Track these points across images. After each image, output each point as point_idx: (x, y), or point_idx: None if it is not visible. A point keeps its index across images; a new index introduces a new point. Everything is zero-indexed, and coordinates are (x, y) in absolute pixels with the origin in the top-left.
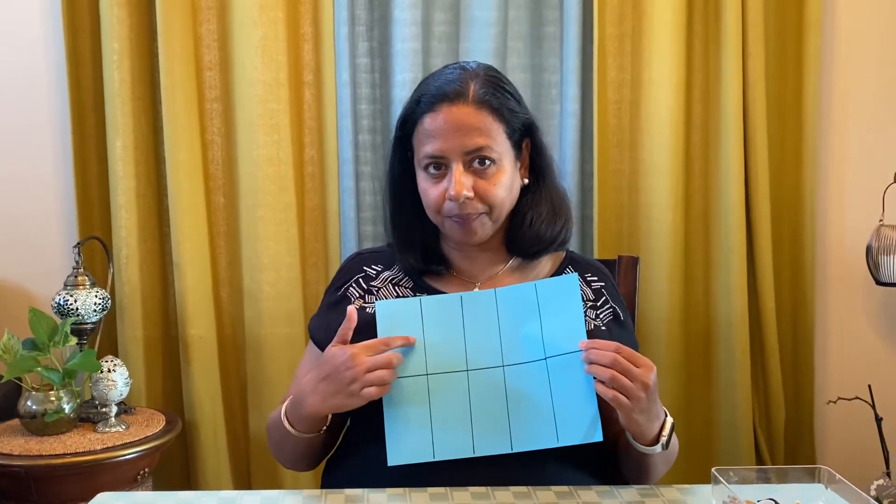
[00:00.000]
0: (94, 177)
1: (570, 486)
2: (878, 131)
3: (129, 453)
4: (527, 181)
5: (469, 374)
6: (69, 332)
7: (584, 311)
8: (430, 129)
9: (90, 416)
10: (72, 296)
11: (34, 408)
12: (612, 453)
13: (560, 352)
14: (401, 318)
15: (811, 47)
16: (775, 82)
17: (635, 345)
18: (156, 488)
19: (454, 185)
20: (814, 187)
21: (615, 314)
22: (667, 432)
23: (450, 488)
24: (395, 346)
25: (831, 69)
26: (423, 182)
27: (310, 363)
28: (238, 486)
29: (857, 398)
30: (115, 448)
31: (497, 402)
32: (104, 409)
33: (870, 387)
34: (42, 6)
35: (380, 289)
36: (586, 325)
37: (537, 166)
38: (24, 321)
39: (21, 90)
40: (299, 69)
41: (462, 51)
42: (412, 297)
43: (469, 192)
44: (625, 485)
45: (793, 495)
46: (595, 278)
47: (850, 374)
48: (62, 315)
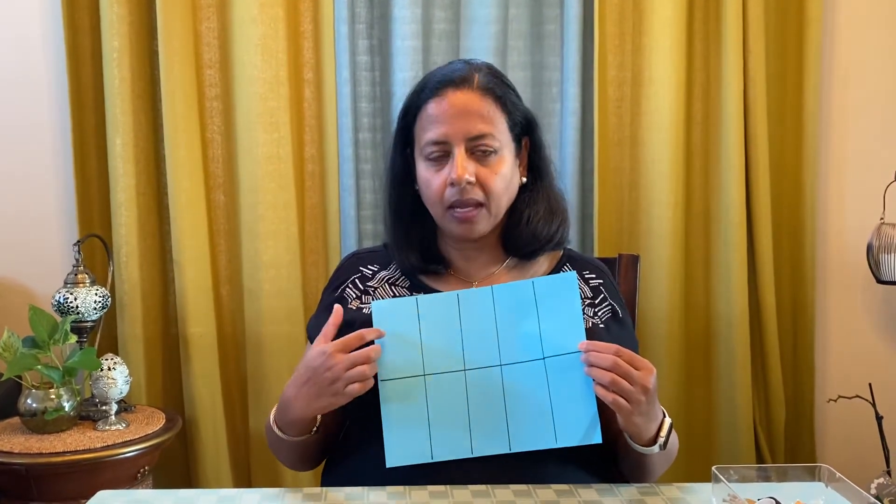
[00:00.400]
0: (94, 175)
1: (570, 484)
2: (878, 129)
3: (130, 451)
4: (525, 180)
5: (466, 374)
6: (69, 329)
7: (583, 309)
8: (434, 114)
9: (90, 413)
10: (72, 294)
11: (34, 406)
12: (612, 452)
13: (558, 352)
14: (397, 318)
15: (812, 45)
16: (776, 80)
17: (635, 342)
18: (156, 486)
19: (456, 168)
20: (814, 185)
21: (614, 312)
22: (664, 433)
23: (450, 486)
24: (369, 339)
25: (832, 67)
26: (423, 171)
27: None
28: (238, 484)
29: (857, 397)
30: (115, 446)
31: (495, 402)
32: (104, 407)
33: (870, 385)
34: (42, 4)
35: (376, 289)
36: (585, 323)
37: (535, 165)
38: (25, 319)
39: (21, 88)
40: (299, 67)
41: (462, 49)
42: (408, 296)
43: (471, 176)
44: (625, 483)
45: (793, 494)
46: (593, 276)
47: (850, 373)
48: (62, 313)
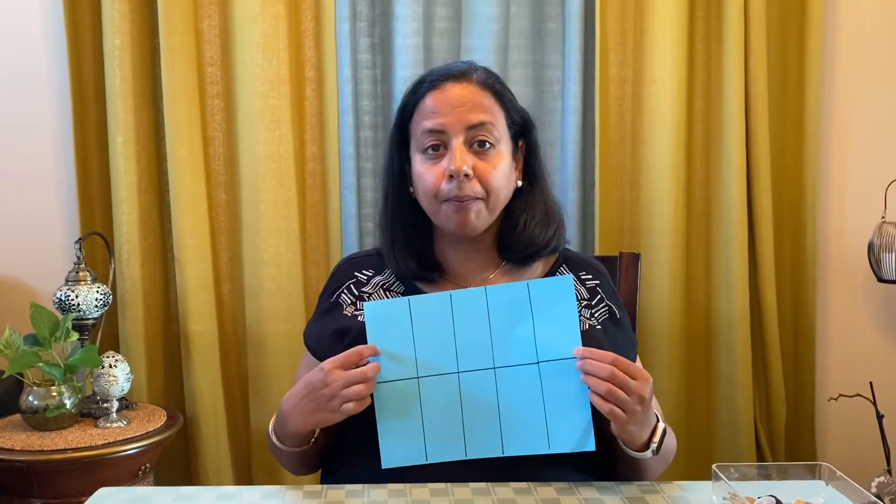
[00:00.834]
0: (95, 172)
1: (570, 482)
2: (880, 128)
3: (131, 449)
4: (520, 183)
5: (460, 377)
6: (70, 327)
7: (579, 311)
8: (432, 105)
9: (91, 411)
10: (73, 291)
11: (36, 403)
12: (608, 454)
13: (553, 356)
14: (390, 320)
15: (813, 43)
16: (777, 79)
17: (633, 343)
18: (157, 483)
19: (455, 159)
20: (815, 184)
21: (611, 313)
22: (657, 438)
23: (450, 484)
24: (368, 355)
25: (833, 65)
26: (419, 166)
27: (305, 370)
28: (239, 482)
29: (858, 395)
30: (116, 443)
31: (488, 405)
32: (105, 405)
33: (871, 384)
34: (43, 2)
35: (371, 294)
36: (581, 324)
37: (532, 169)
38: (26, 316)
39: (22, 86)
40: (300, 65)
41: (463, 47)
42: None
43: (469, 168)
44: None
45: (793, 492)
46: (590, 276)
47: (851, 371)
48: (63, 310)
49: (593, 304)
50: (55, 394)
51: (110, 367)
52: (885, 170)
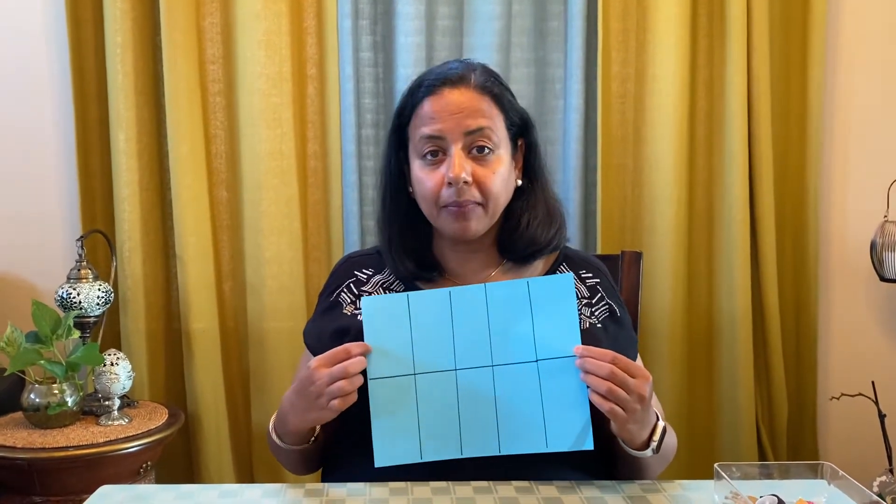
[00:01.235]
0: (97, 170)
1: (571, 481)
2: (882, 127)
3: (132, 446)
4: (520, 182)
5: (457, 374)
6: (72, 325)
7: (579, 310)
8: (430, 111)
9: (93, 409)
10: (75, 289)
11: (37, 401)
12: (607, 454)
13: (552, 355)
14: (388, 315)
15: (816, 42)
16: (780, 78)
17: (633, 342)
18: (158, 481)
19: (453, 166)
20: (818, 183)
21: (611, 311)
22: (657, 437)
23: (452, 483)
24: (356, 353)
25: (836, 64)
26: (418, 171)
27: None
28: (240, 480)
29: (860, 395)
30: (117, 441)
31: (485, 403)
32: (107, 403)
33: (873, 383)
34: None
35: (371, 293)
36: (582, 323)
37: (532, 168)
38: (28, 314)
39: (24, 83)
40: (302, 63)
41: (466, 45)
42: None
43: (468, 175)
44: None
45: (795, 491)
46: (590, 275)
47: (853, 371)
48: (65, 308)
49: (594, 302)
50: (57, 391)
51: (112, 364)
52: (888, 169)
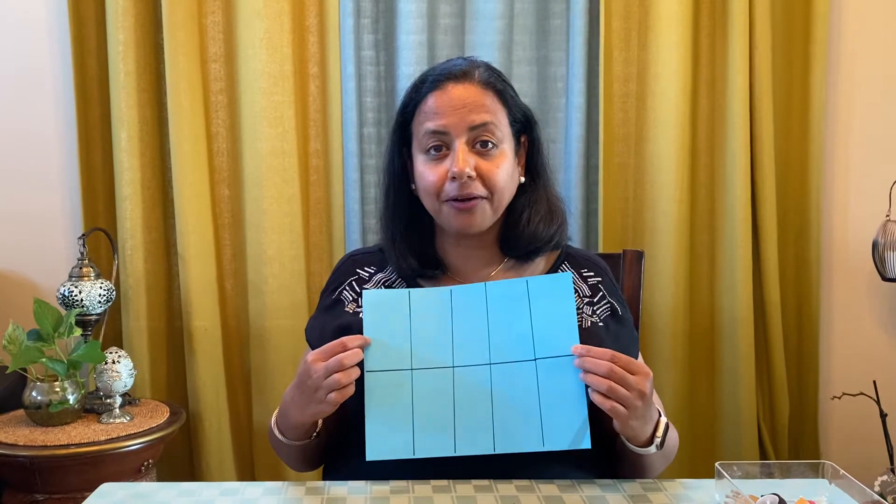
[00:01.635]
0: (98, 168)
1: (572, 480)
2: (885, 126)
3: (133, 444)
4: (523, 179)
5: (455, 371)
6: (74, 323)
7: (581, 308)
8: (434, 106)
9: (94, 406)
10: (77, 287)
11: (39, 398)
12: (608, 454)
13: (551, 354)
14: (388, 309)
15: (818, 41)
16: (782, 77)
17: (635, 340)
18: (159, 479)
19: (457, 161)
20: (820, 182)
21: (612, 310)
22: (660, 433)
23: (452, 481)
24: (353, 346)
25: (838, 63)
26: (421, 166)
27: None
28: (241, 478)
29: (861, 394)
30: (119, 439)
31: (482, 401)
32: (108, 400)
33: (875, 383)
34: None
35: None
36: (583, 321)
37: (534, 165)
38: (29, 312)
39: (26, 82)
40: (304, 61)
41: (468, 43)
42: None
43: (472, 170)
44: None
45: (796, 490)
46: (592, 273)
47: (854, 370)
48: (67, 306)
49: (595, 300)
50: (58, 389)
51: (113, 362)
52: (890, 168)
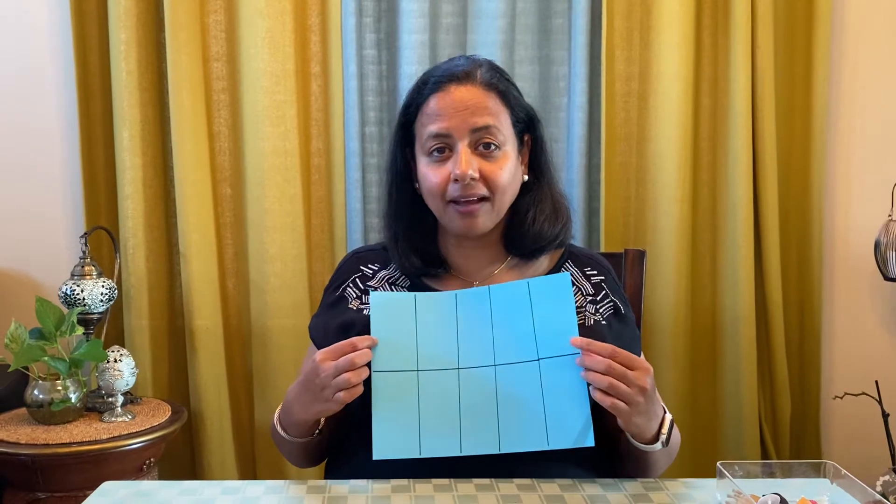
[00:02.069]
0: (100, 167)
1: (574, 479)
2: (887, 125)
3: (135, 443)
4: (527, 178)
5: (460, 373)
6: (76, 321)
7: (584, 306)
8: (437, 108)
9: (96, 405)
10: (78, 286)
11: (41, 397)
12: (612, 453)
13: (553, 353)
14: (394, 312)
15: (820, 40)
16: (784, 76)
17: (637, 338)
18: (161, 478)
19: (460, 163)
20: (822, 181)
21: (615, 308)
22: (666, 429)
23: (453, 480)
24: (362, 346)
25: (840, 62)
26: (424, 167)
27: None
28: (243, 476)
29: (863, 394)
30: (120, 437)
31: (487, 401)
32: (110, 399)
33: (877, 382)
34: None
35: (377, 289)
36: (586, 320)
37: (538, 164)
38: (32, 311)
39: (28, 81)
40: (306, 60)
41: (470, 43)
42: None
43: (475, 172)
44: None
45: (798, 490)
46: (594, 272)
47: (856, 370)
48: (69, 305)
49: (598, 299)
50: (60, 388)
51: (115, 361)
52: (893, 167)
